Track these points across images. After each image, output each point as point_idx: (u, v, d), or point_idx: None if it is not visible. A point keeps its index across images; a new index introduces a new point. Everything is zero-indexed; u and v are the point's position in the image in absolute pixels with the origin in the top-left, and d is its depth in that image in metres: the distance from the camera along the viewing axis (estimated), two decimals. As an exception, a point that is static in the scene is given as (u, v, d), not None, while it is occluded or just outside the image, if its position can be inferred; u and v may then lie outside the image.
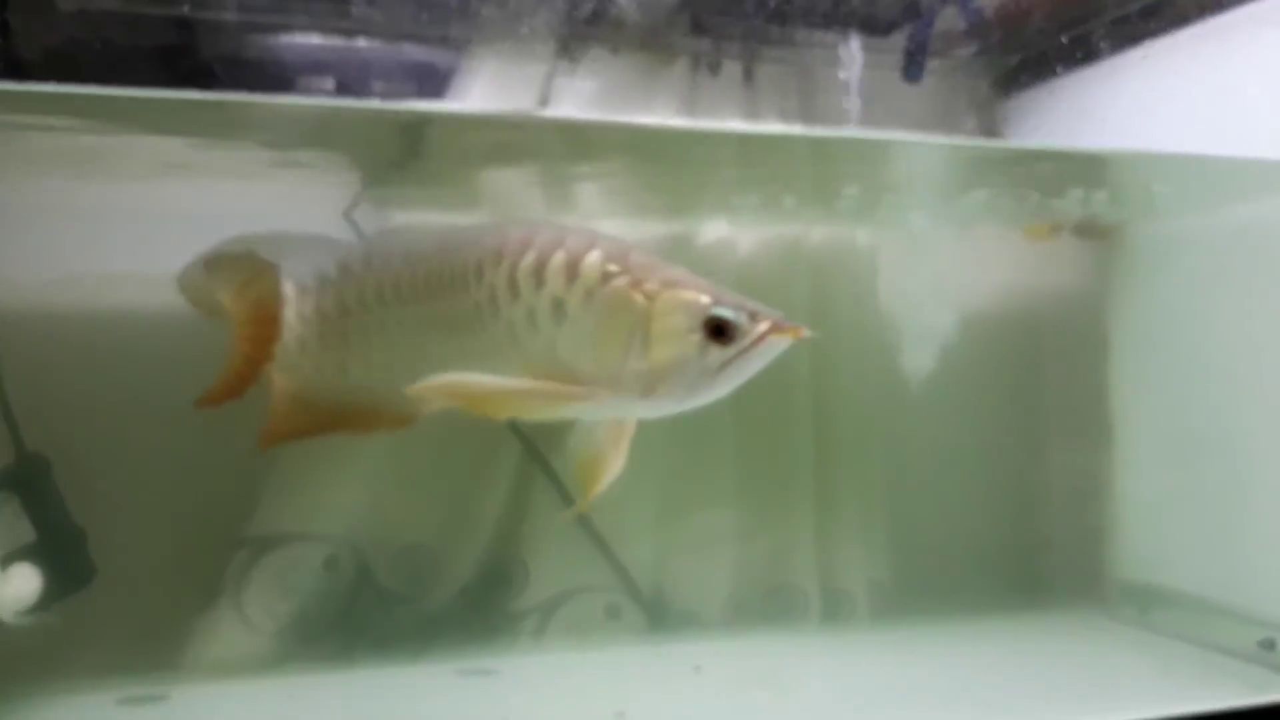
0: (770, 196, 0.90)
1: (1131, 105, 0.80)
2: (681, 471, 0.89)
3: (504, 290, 0.57)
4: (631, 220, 0.91)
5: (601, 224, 0.90)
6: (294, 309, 0.67)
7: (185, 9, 0.75)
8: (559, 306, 0.56)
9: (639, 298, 0.54)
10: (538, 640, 0.86)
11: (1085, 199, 0.87)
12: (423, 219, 0.85)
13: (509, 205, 0.88)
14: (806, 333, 0.55)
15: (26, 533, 0.72)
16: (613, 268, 0.55)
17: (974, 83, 0.91)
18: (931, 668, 0.82)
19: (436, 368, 0.57)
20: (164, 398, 0.80)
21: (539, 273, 0.56)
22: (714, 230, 0.92)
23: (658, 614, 0.89)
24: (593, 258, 0.56)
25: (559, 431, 0.85)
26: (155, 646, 0.78)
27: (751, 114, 0.91)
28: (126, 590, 0.76)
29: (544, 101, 0.84)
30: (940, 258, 0.94)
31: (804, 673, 0.82)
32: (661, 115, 0.85)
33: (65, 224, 0.80)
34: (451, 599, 0.87)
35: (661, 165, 0.82)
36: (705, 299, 0.54)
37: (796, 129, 0.87)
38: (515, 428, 0.87)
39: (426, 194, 0.86)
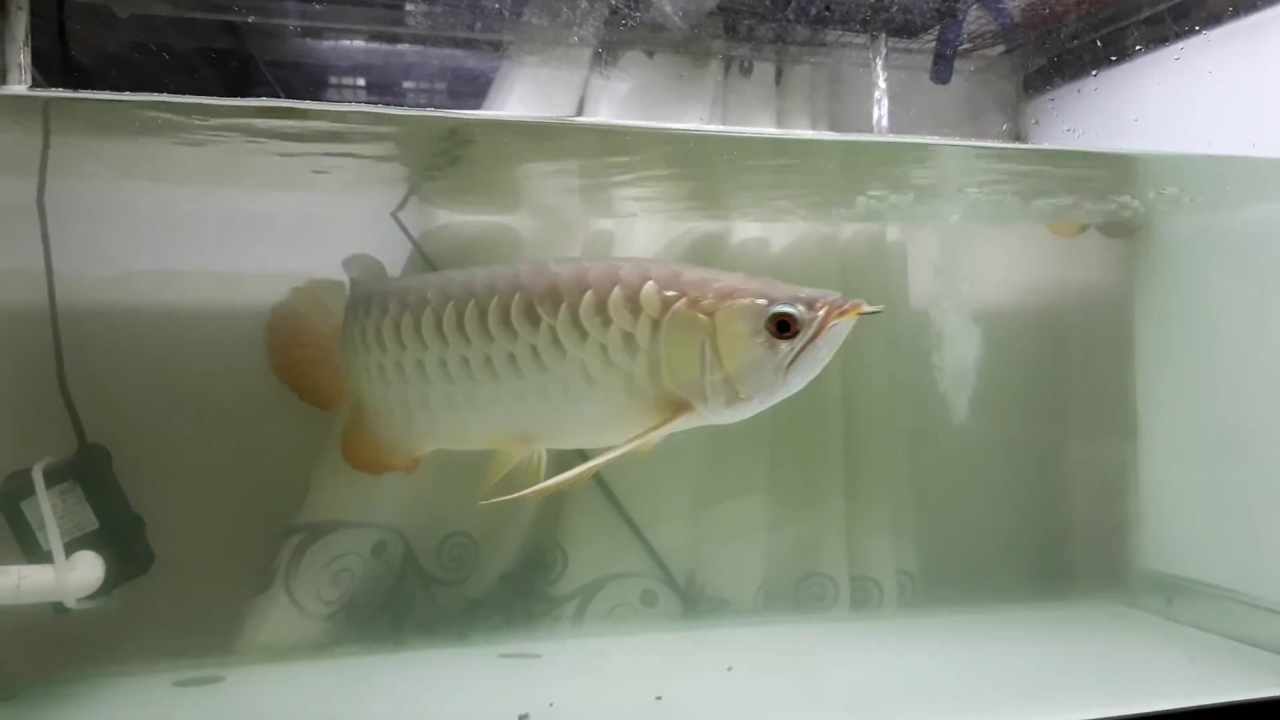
0: (802, 195, 0.91)
1: (1160, 105, 0.81)
2: (715, 462, 0.92)
3: (567, 332, 0.58)
4: (667, 218, 0.93)
5: (637, 221, 0.93)
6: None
7: (236, 14, 0.78)
8: (629, 340, 0.58)
9: (701, 316, 0.56)
10: (577, 625, 0.89)
11: (1113, 199, 0.88)
12: (467, 218, 0.88)
13: (550, 205, 0.91)
14: (868, 308, 0.57)
15: (89, 521, 0.75)
16: (670, 293, 0.57)
17: (1003, 83, 0.92)
18: (957, 656, 0.84)
19: (497, 420, 0.61)
20: (217, 392, 0.83)
21: (601, 311, 0.58)
22: (748, 229, 0.94)
23: (692, 600, 0.92)
24: (649, 289, 0.58)
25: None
26: (210, 631, 0.82)
27: (783, 113, 0.93)
28: (182, 576, 0.79)
29: (581, 103, 0.87)
30: (969, 254, 0.95)
31: (832, 660, 0.84)
32: (695, 115, 0.88)
33: (122, 223, 0.83)
34: (493, 584, 0.90)
35: (695, 166, 0.84)
36: (762, 301, 0.56)
37: (825, 134, 0.89)
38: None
39: (471, 194, 0.88)
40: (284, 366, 0.77)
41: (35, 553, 0.72)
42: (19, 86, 0.60)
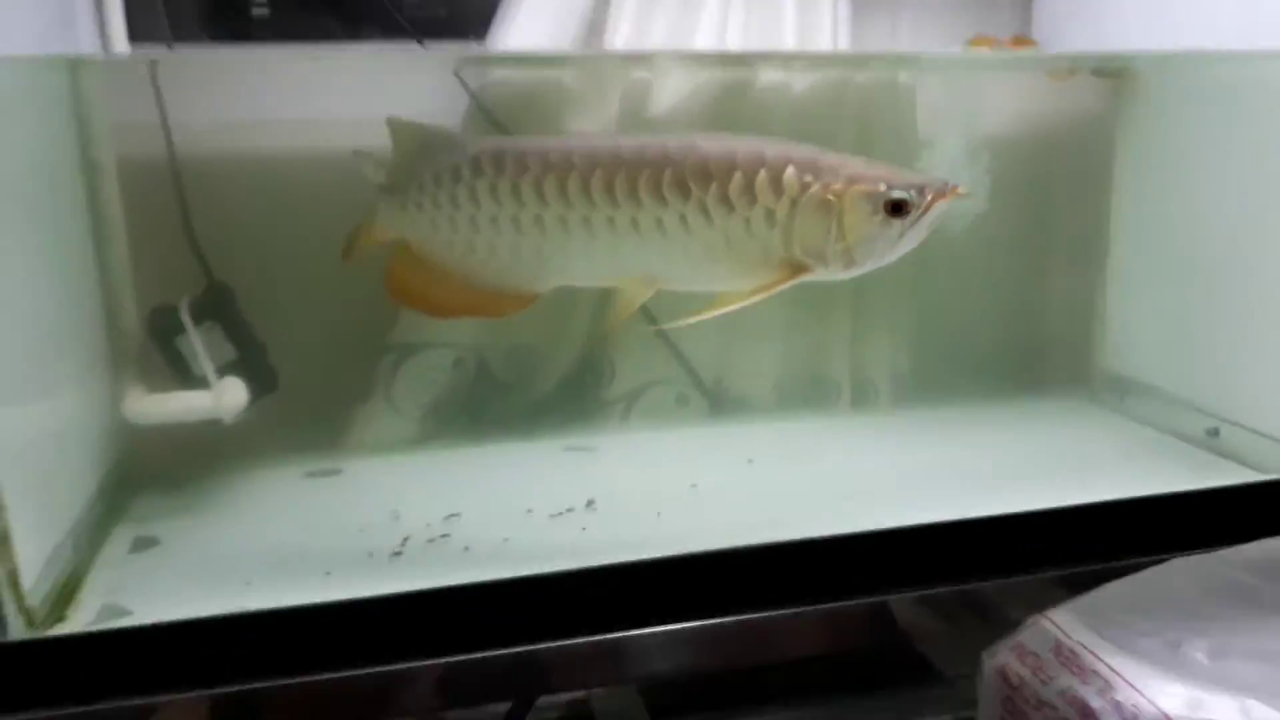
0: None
1: None
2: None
3: (715, 205, 0.68)
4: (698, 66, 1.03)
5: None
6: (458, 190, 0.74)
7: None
8: (770, 215, 0.68)
9: (831, 198, 0.67)
10: (624, 422, 1.06)
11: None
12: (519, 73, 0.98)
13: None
14: (963, 190, 0.70)
15: (230, 352, 0.90)
16: (807, 177, 0.68)
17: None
18: (939, 449, 1.01)
19: (631, 266, 0.70)
20: (319, 230, 0.97)
21: (748, 190, 0.67)
22: (768, 76, 1.04)
23: (717, 401, 1.09)
24: (790, 172, 0.68)
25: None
26: (328, 432, 1.00)
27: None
28: (302, 390, 0.95)
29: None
30: (969, 95, 1.06)
31: (834, 452, 1.02)
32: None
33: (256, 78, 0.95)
34: (553, 388, 1.06)
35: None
36: (882, 186, 0.68)
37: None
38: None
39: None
40: None
41: (188, 379, 0.89)
42: None
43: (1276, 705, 0.54)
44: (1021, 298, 1.15)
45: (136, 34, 0.94)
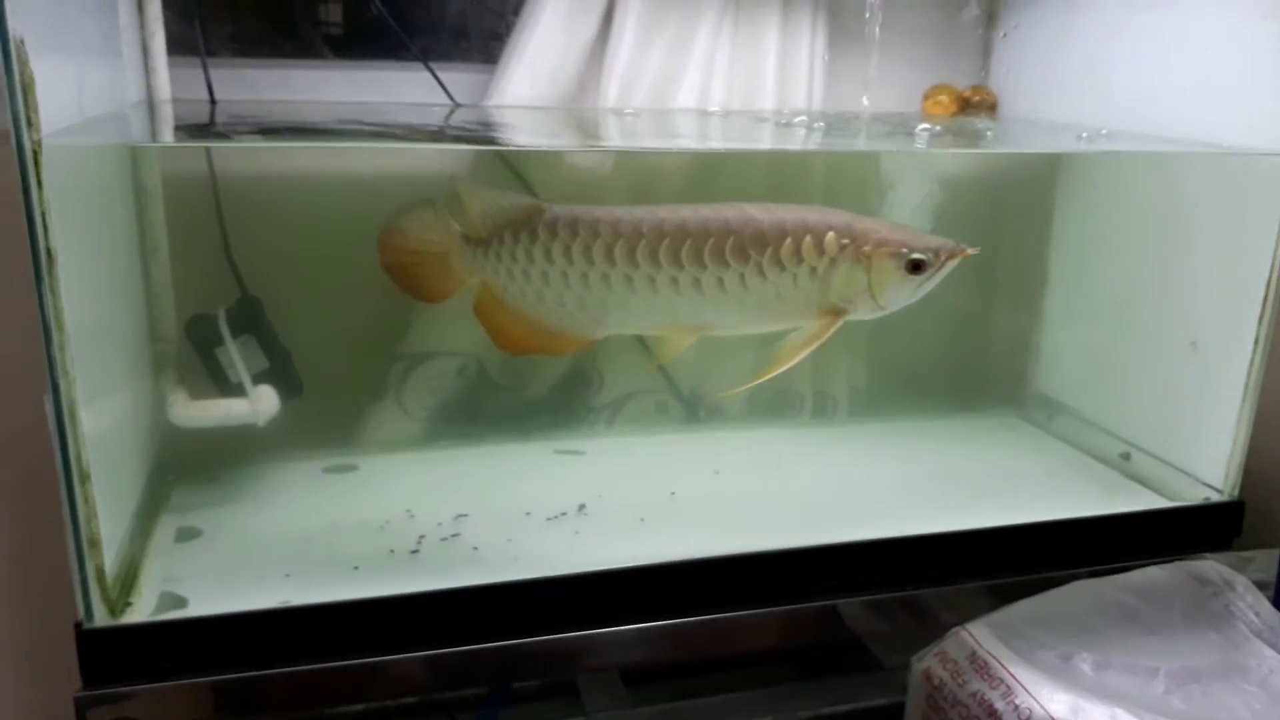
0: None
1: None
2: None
3: (770, 266, 0.80)
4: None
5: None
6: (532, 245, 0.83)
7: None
8: (813, 272, 0.80)
9: (864, 259, 0.80)
10: (610, 428, 1.18)
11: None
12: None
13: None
14: (970, 251, 0.82)
15: (262, 361, 1.01)
16: (844, 240, 0.80)
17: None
18: (887, 458, 1.14)
19: (687, 317, 0.82)
20: (339, 248, 1.07)
21: (797, 252, 0.79)
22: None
23: (693, 409, 1.21)
24: (830, 237, 0.80)
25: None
26: (345, 431, 1.11)
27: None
28: (323, 393, 1.05)
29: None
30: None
31: (795, 460, 1.15)
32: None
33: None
34: (546, 392, 1.17)
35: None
36: (904, 249, 0.80)
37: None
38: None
39: None
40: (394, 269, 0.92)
41: (225, 386, 0.99)
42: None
43: (1142, 714, 0.68)
44: (968, 325, 1.28)
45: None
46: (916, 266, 0.80)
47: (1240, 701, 0.71)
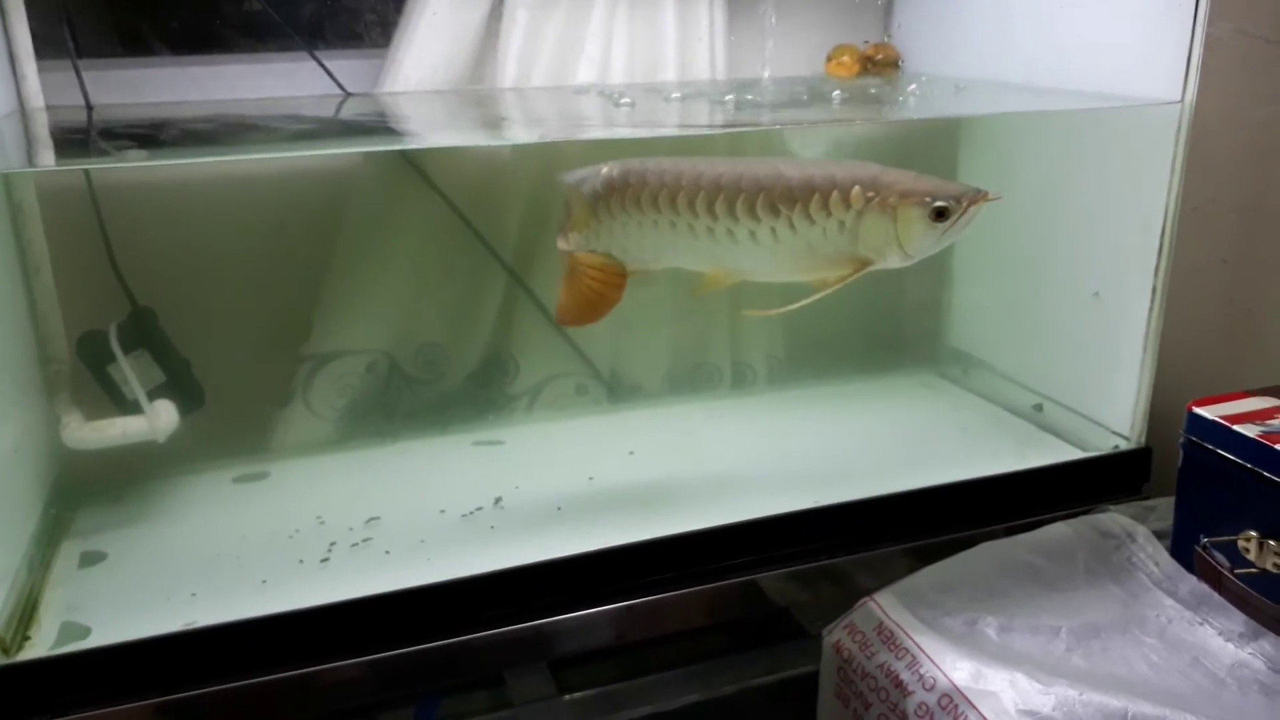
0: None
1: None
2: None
3: (799, 220, 0.80)
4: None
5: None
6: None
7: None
8: (841, 224, 0.80)
9: (889, 209, 0.79)
10: (529, 414, 1.17)
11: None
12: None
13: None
14: (994, 195, 0.81)
15: (158, 375, 0.98)
16: (870, 194, 0.79)
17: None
18: (807, 425, 1.15)
19: (724, 257, 0.83)
20: (235, 251, 1.05)
21: (824, 207, 0.80)
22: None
23: (613, 389, 1.21)
24: (856, 190, 0.79)
25: (538, 260, 1.13)
26: (253, 438, 1.08)
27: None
28: (227, 400, 1.04)
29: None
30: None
31: (715, 434, 1.15)
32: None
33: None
34: (461, 383, 1.16)
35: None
36: (928, 199, 0.79)
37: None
38: (500, 259, 1.14)
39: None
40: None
41: (122, 404, 0.96)
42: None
43: (1040, 676, 0.69)
44: (882, 286, 1.27)
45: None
46: (941, 214, 0.80)
47: (1139, 654, 0.73)
